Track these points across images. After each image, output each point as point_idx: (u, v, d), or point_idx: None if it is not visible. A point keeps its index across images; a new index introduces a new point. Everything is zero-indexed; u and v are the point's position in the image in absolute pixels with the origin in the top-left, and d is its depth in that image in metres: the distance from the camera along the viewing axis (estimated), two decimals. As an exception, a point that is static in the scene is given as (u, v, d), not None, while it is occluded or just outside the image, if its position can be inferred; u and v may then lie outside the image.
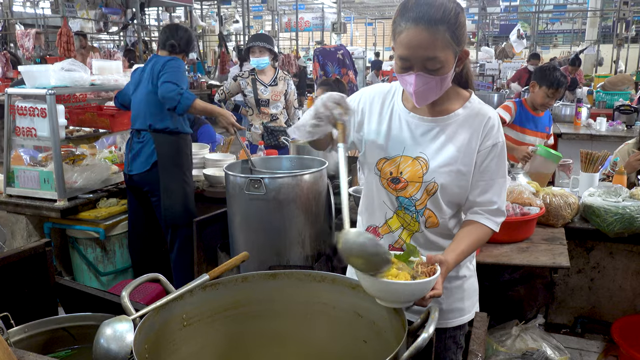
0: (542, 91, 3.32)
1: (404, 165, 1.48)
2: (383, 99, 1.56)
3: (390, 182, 1.51)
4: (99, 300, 1.67)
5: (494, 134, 1.47)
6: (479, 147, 1.46)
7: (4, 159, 3.28)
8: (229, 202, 2.77)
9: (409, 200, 1.50)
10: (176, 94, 2.93)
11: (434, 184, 1.46)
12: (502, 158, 1.49)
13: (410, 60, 1.36)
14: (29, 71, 3.18)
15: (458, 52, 1.39)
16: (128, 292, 1.26)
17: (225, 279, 1.40)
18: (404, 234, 1.53)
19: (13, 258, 1.60)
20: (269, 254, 2.52)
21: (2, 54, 9.38)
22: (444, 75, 1.37)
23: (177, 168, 3.15)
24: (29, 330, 1.50)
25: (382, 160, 1.51)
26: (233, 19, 17.74)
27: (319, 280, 1.42)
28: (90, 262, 3.33)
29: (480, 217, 1.49)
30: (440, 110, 1.49)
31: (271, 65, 4.34)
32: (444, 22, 1.32)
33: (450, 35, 1.34)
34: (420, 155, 1.47)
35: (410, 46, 1.34)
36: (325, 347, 1.44)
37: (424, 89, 1.38)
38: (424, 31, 1.32)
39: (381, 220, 1.56)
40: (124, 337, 1.16)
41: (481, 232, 1.48)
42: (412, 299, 1.22)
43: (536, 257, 2.26)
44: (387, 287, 1.19)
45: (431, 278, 1.20)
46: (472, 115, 1.48)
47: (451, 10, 1.33)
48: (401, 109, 1.52)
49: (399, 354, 1.05)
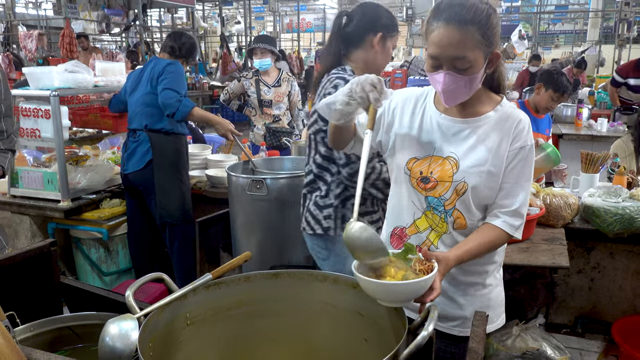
0: (548, 94, 3.35)
1: (435, 165, 1.49)
2: (415, 101, 1.57)
3: (420, 182, 1.50)
4: (103, 300, 1.69)
5: (523, 136, 1.47)
6: (508, 149, 1.47)
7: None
8: (231, 203, 2.80)
9: (438, 200, 1.49)
10: (175, 101, 2.98)
11: (464, 184, 1.45)
12: (529, 161, 1.49)
13: (440, 59, 1.38)
14: (33, 73, 3.21)
15: (489, 53, 1.40)
16: (132, 291, 1.28)
17: (228, 279, 1.41)
18: (432, 235, 1.53)
19: (18, 258, 1.62)
20: (270, 254, 2.55)
21: (5, 55, 9.42)
22: (473, 75, 1.38)
23: (173, 167, 3.18)
24: (35, 329, 1.52)
25: (413, 160, 1.51)
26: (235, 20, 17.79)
27: (321, 279, 1.44)
28: (93, 262, 3.35)
29: (498, 221, 1.47)
30: (472, 112, 1.50)
31: (275, 67, 4.37)
32: (475, 23, 1.34)
33: (481, 36, 1.35)
34: (450, 155, 1.48)
35: (440, 45, 1.36)
36: (326, 345, 1.45)
37: (453, 88, 1.39)
38: (454, 30, 1.34)
39: (409, 220, 1.56)
40: (129, 335, 1.17)
41: (494, 235, 1.47)
42: (411, 298, 1.24)
43: (536, 257, 2.28)
44: (385, 288, 1.21)
45: (428, 276, 1.22)
46: (503, 118, 1.48)
47: (483, 11, 1.35)
48: (433, 111, 1.53)
49: (399, 352, 1.07)
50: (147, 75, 3.15)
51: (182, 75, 3.15)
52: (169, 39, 3.35)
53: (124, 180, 3.26)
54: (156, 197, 3.15)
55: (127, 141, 3.24)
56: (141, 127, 3.14)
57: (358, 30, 2.04)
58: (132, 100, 3.20)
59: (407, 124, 1.55)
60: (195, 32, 12.68)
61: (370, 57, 2.05)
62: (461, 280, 1.57)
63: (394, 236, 1.60)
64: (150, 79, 3.11)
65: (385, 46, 2.06)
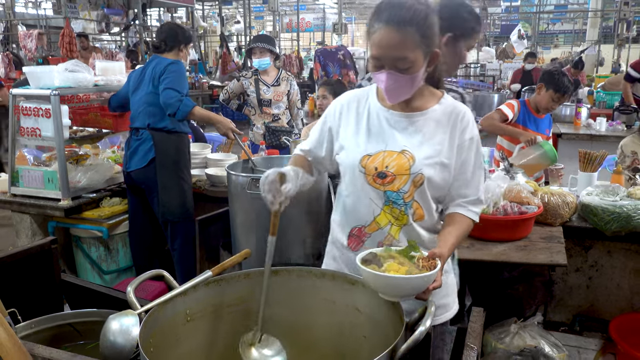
0: (549, 95, 3.35)
1: (389, 160, 1.52)
2: (357, 102, 1.62)
3: (376, 178, 1.53)
4: (104, 297, 1.71)
5: (470, 128, 1.54)
6: (458, 142, 1.53)
7: (9, 158, 3.32)
8: (231, 201, 2.80)
9: (396, 193, 1.52)
10: (176, 101, 3.01)
11: (421, 175, 1.50)
12: (479, 150, 1.57)
13: (382, 60, 1.43)
14: (33, 72, 3.22)
15: (429, 52, 1.44)
16: (133, 288, 1.29)
17: (228, 276, 1.43)
18: (392, 229, 1.55)
19: (20, 255, 1.64)
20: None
21: (5, 55, 9.42)
22: (413, 74, 1.43)
23: (175, 165, 3.20)
24: (36, 326, 1.53)
25: (365, 157, 1.54)
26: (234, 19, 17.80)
27: (319, 276, 1.45)
28: (93, 260, 3.36)
29: (463, 209, 1.55)
30: (416, 107, 1.55)
31: (274, 66, 4.38)
32: (413, 24, 1.38)
33: (420, 36, 1.40)
34: (405, 148, 1.51)
35: (381, 46, 1.41)
36: (325, 342, 1.46)
37: (395, 86, 1.45)
38: (393, 32, 1.38)
39: (368, 218, 1.57)
40: (130, 331, 1.19)
41: (466, 224, 1.54)
42: (413, 293, 1.25)
43: (534, 255, 2.29)
44: (389, 282, 1.22)
45: (432, 272, 1.24)
46: (448, 112, 1.55)
47: (421, 11, 1.40)
48: (378, 107, 1.58)
49: (397, 347, 1.08)
50: (149, 74, 3.17)
51: (184, 75, 3.18)
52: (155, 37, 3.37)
53: (126, 178, 3.28)
54: (158, 195, 3.16)
55: (129, 139, 3.26)
56: (144, 125, 3.16)
57: None
58: (135, 99, 3.22)
59: (353, 124, 1.59)
60: (195, 32, 12.69)
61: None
62: None
63: (352, 237, 1.61)
64: (152, 78, 3.13)
65: (457, 48, 1.86)
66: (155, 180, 3.15)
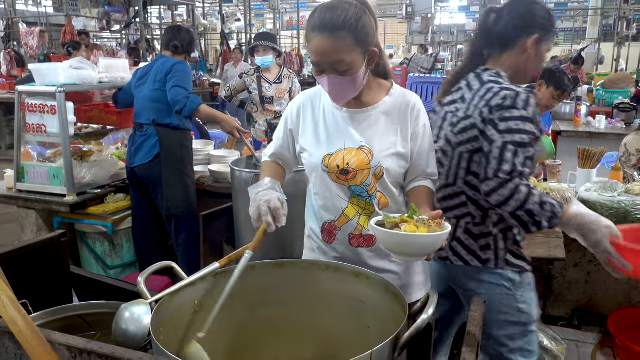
0: (549, 92, 3.41)
1: (349, 157, 1.58)
2: (312, 102, 1.68)
3: (339, 175, 1.60)
4: (111, 289, 1.74)
5: (422, 116, 1.63)
6: (412, 130, 1.61)
7: (15, 155, 3.35)
8: (235, 197, 2.84)
9: (360, 187, 1.60)
10: (184, 97, 3.07)
11: (381, 167, 1.58)
12: (430, 135, 1.67)
13: (321, 65, 1.49)
14: (39, 69, 3.25)
15: (366, 52, 1.50)
16: (144, 278, 1.33)
17: (234, 267, 1.46)
18: (361, 219, 1.63)
19: (31, 248, 1.67)
20: (273, 248, 2.58)
21: (7, 52, 9.44)
22: (354, 75, 1.49)
23: (179, 161, 3.24)
24: (46, 317, 1.56)
25: (327, 156, 1.60)
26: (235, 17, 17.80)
27: (323, 268, 1.49)
28: (98, 255, 3.40)
29: (426, 182, 1.65)
30: (367, 101, 1.61)
31: (276, 64, 4.41)
32: (345, 28, 1.43)
33: (354, 39, 1.45)
34: (362, 144, 1.58)
35: (318, 53, 1.47)
36: (329, 332, 1.50)
37: (338, 89, 1.51)
38: (327, 38, 1.44)
39: (337, 213, 1.64)
40: (142, 319, 1.23)
41: (432, 195, 1.66)
42: (428, 251, 1.32)
43: (533, 249, 2.32)
44: (407, 240, 1.28)
45: (449, 229, 1.31)
46: (399, 101, 1.62)
47: (352, 16, 1.44)
48: (331, 106, 1.64)
49: (400, 334, 1.12)
50: (154, 72, 3.21)
51: (189, 74, 3.23)
52: (168, 35, 3.38)
53: (130, 174, 3.31)
54: (163, 190, 3.20)
55: (134, 135, 3.29)
56: (149, 121, 3.20)
57: (509, 30, 1.76)
58: (140, 96, 3.26)
59: (310, 125, 1.66)
60: (196, 30, 12.71)
61: (521, 62, 1.79)
62: None
63: (324, 232, 1.69)
64: (158, 75, 3.17)
65: (540, 50, 1.79)
66: (159, 175, 3.18)
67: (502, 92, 1.65)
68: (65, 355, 1.06)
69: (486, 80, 1.73)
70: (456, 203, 1.81)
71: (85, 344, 1.05)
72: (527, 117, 1.61)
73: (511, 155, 1.58)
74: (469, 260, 1.80)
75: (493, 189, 1.58)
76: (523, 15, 1.76)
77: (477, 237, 1.78)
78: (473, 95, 1.73)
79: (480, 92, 1.72)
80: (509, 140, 1.59)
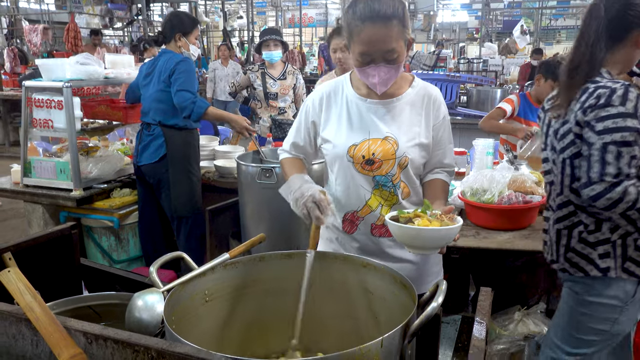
0: (548, 85, 3.41)
1: (375, 147, 1.61)
2: (334, 95, 1.70)
3: (364, 165, 1.63)
4: (121, 280, 1.75)
5: (442, 108, 1.67)
6: (433, 122, 1.65)
7: (21, 150, 3.37)
8: (241, 191, 2.86)
9: (385, 177, 1.63)
10: (190, 103, 3.05)
11: (406, 157, 1.61)
12: (450, 127, 1.71)
13: (372, 55, 1.51)
14: (46, 64, 3.28)
15: (407, 39, 1.54)
16: (156, 268, 1.35)
17: (244, 258, 1.48)
18: (383, 209, 1.66)
19: (42, 240, 1.69)
20: (279, 241, 2.60)
21: (11, 49, 9.46)
22: (399, 63, 1.53)
23: (185, 161, 3.24)
24: (57, 308, 1.57)
25: (352, 147, 1.62)
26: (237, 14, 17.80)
27: (332, 259, 1.50)
28: (104, 250, 3.42)
29: (442, 175, 1.71)
30: (391, 93, 1.63)
31: (281, 60, 4.42)
32: (396, 16, 1.47)
33: (402, 27, 1.49)
34: (388, 135, 1.61)
35: (371, 42, 1.49)
36: (337, 322, 1.51)
37: (386, 77, 1.54)
38: (380, 27, 1.47)
39: (360, 203, 1.67)
40: (155, 307, 1.25)
41: (447, 188, 1.73)
42: (440, 244, 1.36)
43: (538, 243, 2.33)
44: (419, 234, 1.33)
45: (459, 224, 1.34)
46: (421, 94, 1.65)
47: (398, 4, 1.48)
48: (355, 97, 1.66)
49: (410, 322, 1.13)
50: (158, 70, 3.19)
51: (193, 73, 3.20)
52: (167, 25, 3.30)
53: (137, 170, 3.33)
54: (168, 191, 3.21)
55: (141, 132, 3.30)
56: (155, 122, 3.21)
57: (621, 23, 1.64)
58: (146, 95, 3.26)
59: (334, 116, 1.67)
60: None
61: (632, 57, 1.70)
62: None
63: (346, 222, 1.71)
64: (161, 74, 3.15)
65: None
66: (165, 176, 3.20)
67: (597, 91, 1.59)
68: (82, 341, 1.07)
69: (600, 88, 1.62)
70: (565, 213, 1.76)
71: (101, 330, 1.07)
72: (626, 112, 1.53)
73: (613, 156, 1.52)
74: (589, 271, 1.73)
75: (599, 193, 1.53)
76: (634, 7, 1.64)
77: (594, 244, 1.71)
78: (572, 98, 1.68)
79: (578, 94, 1.67)
80: (609, 140, 1.53)
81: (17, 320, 1.15)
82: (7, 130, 9.04)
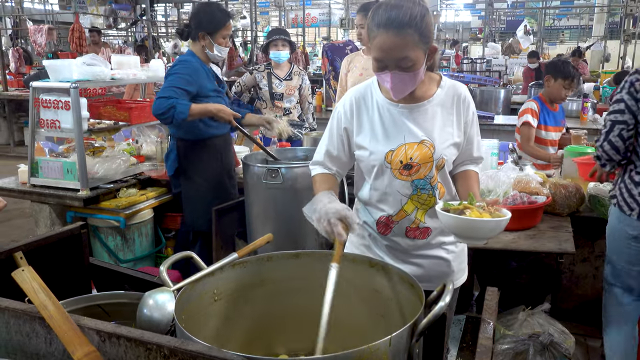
0: (559, 84, 3.49)
1: (412, 151, 1.61)
2: (364, 101, 1.69)
3: (402, 170, 1.63)
4: (129, 280, 1.77)
5: (471, 105, 1.69)
6: (464, 119, 1.67)
7: (29, 150, 3.40)
8: (247, 192, 2.87)
9: (424, 180, 1.64)
10: (168, 109, 2.72)
11: (442, 159, 1.63)
12: (477, 120, 1.74)
13: (384, 61, 1.52)
14: (53, 65, 3.29)
15: (427, 49, 1.54)
16: (166, 267, 1.37)
17: (252, 258, 1.50)
18: (418, 213, 1.68)
19: (52, 239, 1.71)
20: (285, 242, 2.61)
21: (15, 50, 9.51)
22: (416, 71, 1.52)
23: (200, 176, 3.13)
24: (67, 307, 1.57)
25: (389, 153, 1.63)
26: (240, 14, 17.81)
27: (340, 259, 1.52)
28: (110, 250, 3.44)
29: (473, 166, 1.75)
30: (421, 96, 1.64)
31: (287, 60, 4.43)
32: (412, 26, 1.47)
33: (419, 36, 1.49)
34: (423, 138, 1.62)
35: (383, 49, 1.50)
36: (344, 322, 1.52)
37: (401, 84, 1.54)
38: (394, 35, 1.47)
39: (396, 208, 1.68)
40: (166, 306, 1.27)
41: (478, 178, 1.76)
42: (490, 235, 1.41)
43: (542, 243, 2.35)
44: (474, 225, 1.38)
45: (508, 217, 1.40)
46: (450, 93, 1.66)
47: (417, 13, 1.48)
48: (385, 102, 1.66)
49: (418, 321, 1.15)
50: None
51: (181, 74, 2.85)
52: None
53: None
54: (183, 204, 3.21)
55: (168, 139, 3.29)
56: (171, 134, 3.18)
57: None
58: None
59: (366, 122, 1.68)
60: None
61: None
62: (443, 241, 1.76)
63: (380, 224, 1.73)
64: None
65: None
66: (179, 190, 3.21)
67: None
68: (95, 339, 1.09)
69: None
70: None
71: (114, 328, 1.08)
72: None
73: None
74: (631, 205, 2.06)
75: None
76: None
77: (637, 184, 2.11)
78: None
79: None
80: None
81: (31, 319, 1.17)
82: (12, 130, 9.09)
